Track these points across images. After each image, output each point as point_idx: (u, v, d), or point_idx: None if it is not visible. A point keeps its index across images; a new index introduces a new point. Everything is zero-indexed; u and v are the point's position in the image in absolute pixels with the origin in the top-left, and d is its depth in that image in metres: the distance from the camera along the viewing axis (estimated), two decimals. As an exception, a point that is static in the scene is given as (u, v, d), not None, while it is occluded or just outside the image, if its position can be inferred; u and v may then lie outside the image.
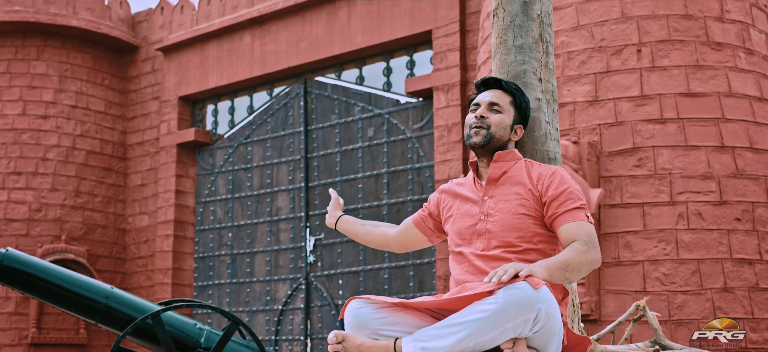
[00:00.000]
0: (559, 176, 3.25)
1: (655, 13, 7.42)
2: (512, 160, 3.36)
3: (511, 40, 3.85)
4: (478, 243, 3.26)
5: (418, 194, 10.70)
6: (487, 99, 3.39)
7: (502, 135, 3.35)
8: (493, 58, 3.91)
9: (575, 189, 3.23)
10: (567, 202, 3.18)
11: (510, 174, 3.33)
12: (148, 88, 13.46)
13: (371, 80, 11.42)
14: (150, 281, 12.86)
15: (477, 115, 3.37)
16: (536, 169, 3.34)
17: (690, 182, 7.07)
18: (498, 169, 3.34)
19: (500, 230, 3.22)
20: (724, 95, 7.30)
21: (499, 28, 3.91)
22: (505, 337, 2.94)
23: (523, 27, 3.86)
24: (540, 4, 3.92)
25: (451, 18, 10.39)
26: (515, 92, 3.44)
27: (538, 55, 3.87)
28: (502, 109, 3.37)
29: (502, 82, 3.45)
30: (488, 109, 3.36)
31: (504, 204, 3.26)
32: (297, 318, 11.63)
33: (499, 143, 3.35)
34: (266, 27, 12.12)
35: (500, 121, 3.34)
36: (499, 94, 3.41)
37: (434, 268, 10.31)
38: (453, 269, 3.41)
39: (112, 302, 5.57)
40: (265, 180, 12.21)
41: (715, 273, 6.93)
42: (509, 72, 3.81)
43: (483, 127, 3.35)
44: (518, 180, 3.30)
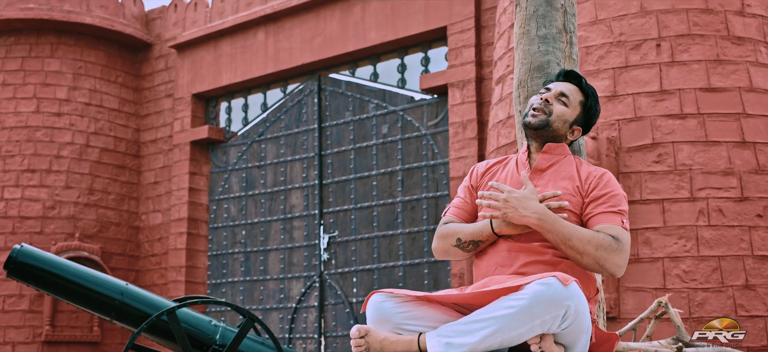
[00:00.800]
0: (606, 179, 3.18)
1: (675, 8, 7.33)
2: (561, 155, 3.27)
3: (535, 30, 3.78)
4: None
5: (433, 191, 10.63)
6: (559, 89, 3.29)
7: (558, 127, 3.25)
8: (515, 49, 3.85)
9: (620, 195, 3.15)
10: (607, 203, 3.11)
11: (558, 167, 3.25)
12: (162, 85, 13.43)
13: (385, 77, 11.36)
14: (163, 278, 12.83)
15: (543, 98, 3.28)
16: (586, 168, 3.25)
17: (710, 178, 6.98)
18: (546, 160, 3.25)
19: None
20: (745, 90, 7.20)
21: (521, 18, 3.84)
22: (532, 333, 2.88)
23: (546, 17, 3.79)
24: (564, -6, 3.85)
25: (467, 14, 10.31)
26: (590, 95, 3.34)
27: (562, 46, 3.80)
28: (569, 104, 3.27)
29: (582, 80, 3.35)
30: (556, 97, 3.27)
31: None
32: (311, 316, 11.57)
33: (553, 134, 3.25)
34: (280, 24, 12.07)
35: (563, 113, 3.25)
36: (573, 89, 3.31)
37: (449, 266, 10.24)
38: (479, 257, 3.29)
39: (127, 299, 5.53)
40: (279, 177, 12.16)
41: (736, 270, 6.84)
42: (532, 63, 3.75)
43: (544, 112, 3.25)
44: (566, 175, 3.21)
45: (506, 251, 3.18)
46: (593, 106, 3.34)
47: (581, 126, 3.33)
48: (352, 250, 11.28)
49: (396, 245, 10.88)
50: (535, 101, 3.27)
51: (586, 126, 3.35)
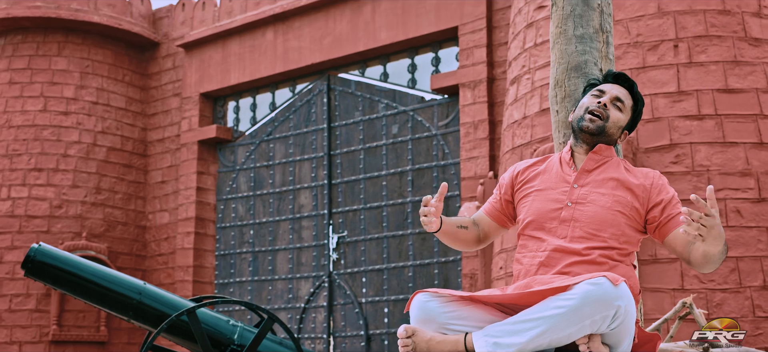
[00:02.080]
0: (665, 181, 3.20)
1: (692, 9, 7.33)
2: (609, 157, 3.27)
3: (572, 29, 3.77)
4: (561, 230, 3.15)
5: (444, 191, 10.62)
6: (615, 93, 3.26)
7: (613, 133, 3.25)
8: (552, 48, 3.84)
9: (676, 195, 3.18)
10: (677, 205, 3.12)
11: (605, 168, 3.24)
12: (169, 84, 13.41)
13: (396, 77, 11.35)
14: (170, 278, 12.81)
15: (601, 102, 3.26)
16: (638, 171, 3.24)
17: (728, 179, 6.98)
18: (595, 161, 3.24)
19: (588, 222, 3.12)
20: (762, 91, 7.20)
21: (558, 18, 3.83)
22: (582, 333, 2.86)
23: (583, 17, 3.79)
24: (600, -7, 3.84)
25: (478, 14, 10.31)
26: (639, 100, 3.34)
27: (599, 46, 3.80)
28: (623, 109, 3.26)
29: (633, 84, 3.33)
30: (612, 102, 3.26)
31: (598, 197, 3.16)
32: (319, 316, 11.56)
33: (608, 139, 3.25)
34: (289, 23, 12.05)
35: (618, 119, 3.24)
36: (626, 94, 3.29)
37: (460, 266, 10.24)
38: (521, 253, 3.28)
39: (145, 298, 5.51)
40: (288, 177, 12.15)
41: (754, 271, 6.84)
42: (570, 62, 3.74)
43: (602, 118, 3.24)
44: (614, 177, 3.19)
45: (550, 251, 3.17)
46: (640, 110, 3.33)
47: (628, 130, 3.33)
48: (362, 250, 11.27)
49: (406, 245, 10.88)
50: (591, 105, 3.24)
51: (632, 128, 3.36)
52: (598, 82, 3.39)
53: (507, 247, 7.98)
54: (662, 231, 3.11)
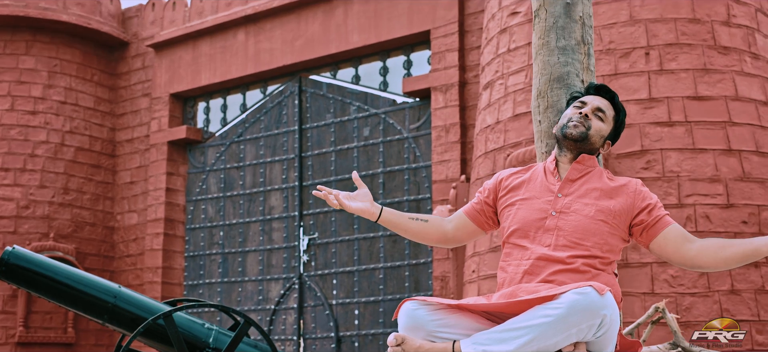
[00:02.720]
0: (646, 188, 3.30)
1: (663, 17, 7.45)
2: (592, 167, 3.34)
3: (554, 41, 3.84)
4: (545, 239, 3.21)
5: (415, 194, 10.69)
6: (596, 104, 3.35)
7: (595, 142, 3.32)
8: (534, 60, 3.90)
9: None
10: (662, 209, 3.22)
11: (588, 178, 3.31)
12: (139, 84, 13.33)
13: (367, 80, 11.39)
14: (139, 279, 12.73)
15: (583, 113, 3.33)
16: (619, 180, 3.31)
17: (698, 185, 7.11)
18: (578, 171, 3.31)
19: (572, 231, 3.18)
20: (731, 99, 7.35)
21: (541, 30, 3.90)
22: (568, 341, 2.93)
23: (565, 29, 3.85)
24: (582, 5, 3.91)
25: (450, 18, 10.38)
26: (621, 110, 3.41)
27: (581, 57, 3.86)
28: (605, 119, 3.34)
29: (615, 96, 3.41)
30: (594, 112, 3.33)
31: (582, 206, 3.23)
32: (290, 318, 11.57)
33: (590, 148, 3.32)
34: (261, 25, 12.04)
35: (600, 128, 3.32)
36: (607, 104, 3.37)
37: (430, 268, 10.30)
38: (506, 261, 3.34)
39: (120, 302, 5.49)
40: (258, 179, 12.14)
41: (722, 275, 6.98)
42: (552, 73, 3.81)
43: (584, 126, 3.31)
44: (597, 186, 3.27)
45: (535, 259, 3.23)
46: (622, 121, 3.41)
47: (611, 140, 3.40)
48: (332, 252, 11.30)
49: (376, 247, 10.92)
50: (573, 115, 3.32)
51: (614, 138, 3.43)
52: (580, 94, 3.46)
53: (480, 250, 8.05)
54: (651, 233, 3.18)
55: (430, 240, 3.56)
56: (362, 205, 3.44)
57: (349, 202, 3.44)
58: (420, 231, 3.51)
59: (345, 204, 3.42)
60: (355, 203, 3.45)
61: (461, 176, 9.58)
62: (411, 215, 3.53)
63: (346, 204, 3.42)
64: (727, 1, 7.59)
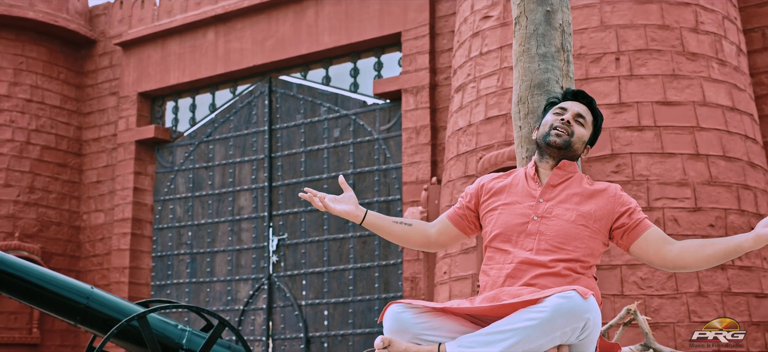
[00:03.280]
0: (623, 192, 3.36)
1: (633, 23, 7.57)
2: (573, 172, 3.40)
3: (535, 48, 3.90)
4: (527, 243, 3.27)
5: (385, 195, 10.73)
6: (576, 110, 3.40)
7: (578, 148, 3.38)
8: (515, 66, 3.96)
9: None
10: (642, 213, 3.29)
11: (569, 183, 3.37)
12: (106, 83, 13.23)
13: (338, 81, 11.41)
14: (105, 279, 12.63)
15: (564, 119, 3.38)
16: (599, 185, 3.38)
17: (666, 189, 7.23)
18: (559, 176, 3.36)
19: (554, 235, 3.24)
20: (699, 104, 7.48)
21: (521, 37, 3.96)
22: (552, 344, 2.98)
23: (545, 36, 3.91)
24: (562, 13, 3.98)
25: (421, 21, 10.44)
26: (598, 115, 3.47)
27: (560, 64, 3.93)
28: (585, 125, 3.39)
29: (592, 101, 3.47)
30: (574, 118, 3.39)
31: (562, 211, 3.28)
32: (259, 318, 11.55)
33: (573, 154, 3.38)
34: (231, 24, 12.01)
35: (582, 135, 3.37)
36: (586, 110, 3.42)
37: (400, 269, 10.35)
38: (488, 265, 3.39)
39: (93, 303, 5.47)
40: (227, 179, 12.10)
41: (690, 278, 7.10)
42: (532, 80, 3.87)
43: (568, 133, 3.37)
44: (578, 192, 3.33)
45: (517, 263, 3.29)
46: (600, 125, 3.48)
47: (589, 144, 3.47)
48: (302, 253, 11.30)
49: (346, 248, 10.95)
50: (555, 122, 3.37)
51: (593, 142, 3.50)
52: (558, 100, 3.52)
53: (451, 252, 8.12)
54: (632, 236, 3.25)
55: (414, 244, 3.59)
56: (347, 207, 3.46)
57: (334, 204, 3.46)
58: (403, 234, 3.55)
59: (330, 207, 3.44)
60: (339, 205, 3.47)
61: (432, 178, 9.64)
62: (395, 219, 3.56)
63: (331, 206, 3.44)
64: (696, 8, 7.72)
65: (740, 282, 7.27)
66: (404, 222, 3.58)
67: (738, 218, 7.38)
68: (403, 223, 3.57)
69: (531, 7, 3.92)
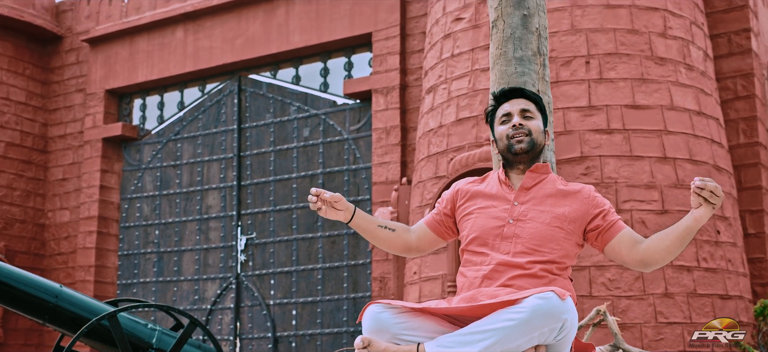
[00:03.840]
0: (599, 194, 3.40)
1: (603, 27, 7.66)
2: (545, 173, 3.43)
3: (512, 51, 3.94)
4: (504, 246, 3.31)
5: (354, 195, 10.74)
6: (518, 107, 3.40)
7: (540, 140, 3.40)
8: (492, 69, 4.00)
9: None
10: (615, 214, 3.32)
11: (543, 185, 3.40)
12: (73, 80, 13.09)
13: (308, 80, 11.40)
14: (70, 278, 12.51)
15: (516, 124, 3.40)
16: (573, 185, 3.41)
17: (634, 191, 7.33)
18: (533, 179, 3.39)
19: (529, 238, 3.28)
20: (667, 108, 7.59)
21: (498, 40, 3.99)
22: (530, 344, 3.02)
23: (522, 40, 3.95)
24: (538, 18, 4.02)
25: (392, 22, 10.46)
26: (538, 99, 3.48)
27: (537, 68, 3.97)
28: (534, 115, 3.40)
29: (524, 90, 3.48)
30: (522, 116, 3.40)
31: (537, 213, 3.32)
32: (226, 318, 11.51)
33: (540, 148, 3.40)
34: (200, 22, 11.95)
35: (536, 126, 3.38)
36: (525, 101, 3.43)
37: (369, 269, 10.37)
38: (466, 267, 3.42)
39: (62, 302, 5.42)
40: (196, 177, 12.04)
41: (656, 279, 7.20)
42: (509, 83, 3.90)
43: (526, 134, 3.38)
44: (552, 194, 3.36)
45: (495, 264, 3.33)
46: (544, 106, 3.50)
47: (547, 128, 3.51)
48: (271, 252, 11.28)
49: (315, 247, 10.95)
50: (508, 131, 3.37)
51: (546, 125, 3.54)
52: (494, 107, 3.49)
53: (421, 252, 8.14)
54: (606, 237, 3.29)
55: (395, 249, 3.61)
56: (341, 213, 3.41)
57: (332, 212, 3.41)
58: (387, 239, 3.56)
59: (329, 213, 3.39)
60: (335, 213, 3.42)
61: (402, 179, 9.67)
62: (379, 222, 3.56)
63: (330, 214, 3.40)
64: (664, 14, 7.83)
65: (705, 284, 7.39)
66: (388, 226, 3.59)
67: (704, 220, 7.49)
68: (387, 227, 3.58)
69: (508, 11, 3.96)
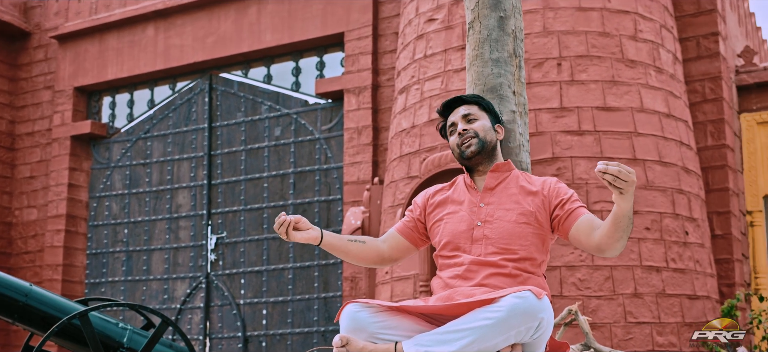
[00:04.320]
0: (562, 184, 3.46)
1: (575, 29, 7.73)
2: (508, 171, 3.49)
3: (488, 53, 3.97)
4: (475, 248, 3.35)
5: (325, 195, 10.74)
6: (460, 114, 3.50)
7: (490, 138, 3.48)
8: (468, 70, 4.02)
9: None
10: (576, 201, 3.37)
11: (506, 184, 3.45)
12: (41, 77, 12.96)
13: (279, 79, 11.38)
14: (38, 277, 12.38)
15: (460, 131, 3.47)
16: (536, 179, 3.48)
17: (605, 192, 7.41)
18: (495, 178, 3.46)
19: (498, 238, 3.33)
20: (637, 110, 7.68)
21: (475, 41, 4.02)
22: (507, 343, 3.06)
23: (499, 41, 3.99)
24: (514, 20, 4.06)
25: (364, 22, 10.48)
26: (479, 100, 3.57)
27: (513, 69, 4.01)
28: (478, 116, 3.49)
29: (460, 97, 3.57)
30: (466, 121, 3.48)
31: (504, 213, 3.37)
32: (196, 317, 11.46)
33: (491, 145, 3.47)
34: (171, 20, 11.89)
35: (482, 125, 3.46)
36: (466, 107, 3.52)
37: (340, 269, 10.37)
38: (441, 270, 3.48)
39: (32, 300, 5.39)
40: (165, 176, 11.97)
41: (626, 279, 7.29)
42: (486, 84, 3.94)
43: (472, 137, 3.45)
44: (516, 191, 3.42)
45: (468, 264, 3.37)
46: (487, 104, 3.58)
47: (498, 123, 3.57)
48: (241, 251, 11.24)
49: (286, 247, 10.93)
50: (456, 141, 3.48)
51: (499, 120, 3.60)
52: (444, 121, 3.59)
53: (393, 252, 8.17)
54: (566, 225, 3.33)
55: (368, 261, 3.62)
56: (305, 234, 3.46)
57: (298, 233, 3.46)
58: (359, 253, 3.57)
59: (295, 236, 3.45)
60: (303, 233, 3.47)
61: (374, 179, 9.69)
62: (348, 237, 3.60)
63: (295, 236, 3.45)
64: (635, 17, 7.92)
65: (674, 284, 7.48)
66: (357, 240, 3.62)
67: (672, 221, 7.60)
68: (356, 241, 3.61)
69: (485, 12, 3.99)
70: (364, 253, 3.58)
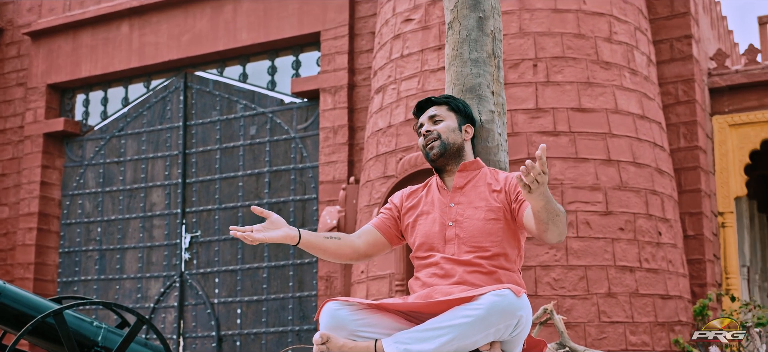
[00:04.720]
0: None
1: (551, 31, 7.79)
2: (476, 170, 3.54)
3: (467, 53, 4.00)
4: (449, 248, 3.39)
5: (301, 194, 10.73)
6: (427, 115, 3.57)
7: (454, 138, 3.52)
8: (447, 70, 4.05)
9: None
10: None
11: (474, 183, 3.49)
12: (13, 73, 12.84)
13: (255, 78, 11.36)
14: (9, 275, 12.26)
15: (423, 132, 3.52)
16: (501, 174, 3.52)
17: (579, 193, 7.47)
18: (464, 178, 3.50)
19: (470, 236, 3.37)
20: (611, 112, 7.75)
21: (454, 41, 4.05)
22: (486, 341, 3.09)
23: (478, 41, 4.02)
24: (493, 21, 4.09)
25: (341, 21, 10.48)
26: (448, 100, 3.61)
27: (491, 70, 4.04)
28: (443, 117, 3.54)
29: (431, 98, 3.62)
30: (431, 123, 3.54)
31: (473, 211, 3.41)
32: (170, 316, 11.40)
33: (455, 146, 3.51)
34: (146, 18, 11.82)
35: (446, 127, 3.52)
36: (434, 108, 3.57)
37: (315, 268, 10.37)
38: (418, 270, 3.51)
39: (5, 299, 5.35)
40: (139, 174, 11.90)
41: (600, 279, 7.35)
42: (464, 84, 3.97)
43: (434, 139, 3.50)
44: (483, 189, 3.46)
45: (443, 263, 3.40)
46: (457, 104, 3.61)
47: (467, 122, 3.59)
48: (215, 250, 11.21)
49: (260, 246, 10.91)
50: (421, 142, 3.56)
51: (469, 119, 3.62)
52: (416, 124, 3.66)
53: (369, 251, 8.18)
54: (519, 215, 3.37)
55: (344, 257, 3.61)
56: (282, 232, 3.41)
57: (267, 233, 3.38)
58: (336, 250, 3.56)
59: (264, 237, 3.36)
60: (274, 232, 3.40)
61: (350, 178, 9.70)
62: (325, 234, 3.60)
63: (264, 237, 3.36)
64: (610, 19, 7.99)
65: (647, 284, 7.56)
66: (333, 236, 3.61)
67: (646, 222, 7.67)
68: (332, 237, 3.60)
69: (464, 13, 4.02)
70: (340, 249, 3.58)
